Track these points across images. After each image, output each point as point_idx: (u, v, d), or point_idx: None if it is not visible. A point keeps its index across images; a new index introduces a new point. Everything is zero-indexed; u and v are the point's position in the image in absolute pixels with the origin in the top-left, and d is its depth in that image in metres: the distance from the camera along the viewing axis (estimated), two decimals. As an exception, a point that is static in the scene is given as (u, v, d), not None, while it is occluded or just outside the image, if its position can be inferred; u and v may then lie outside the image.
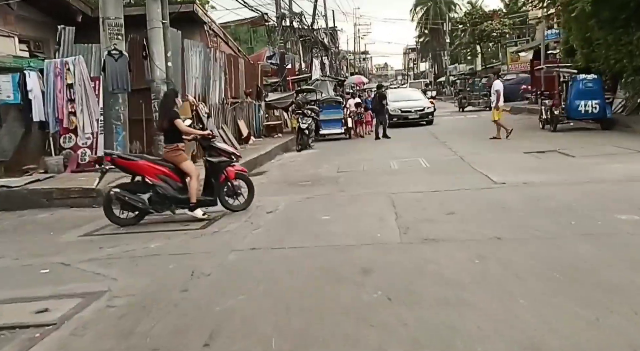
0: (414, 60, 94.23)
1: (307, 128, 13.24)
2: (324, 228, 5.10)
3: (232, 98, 14.16)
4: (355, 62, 64.66)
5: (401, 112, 19.11)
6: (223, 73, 13.33)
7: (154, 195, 5.69)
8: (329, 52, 36.79)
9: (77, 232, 5.67)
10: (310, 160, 11.25)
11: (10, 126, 9.46)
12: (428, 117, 19.26)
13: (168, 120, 5.87)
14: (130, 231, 5.52)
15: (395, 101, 19.55)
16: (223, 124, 12.93)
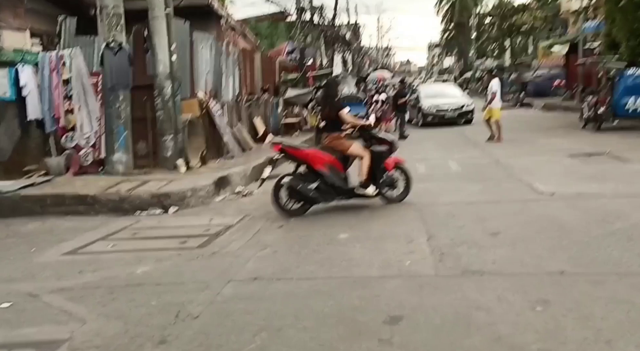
0: (438, 55, 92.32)
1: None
2: (341, 250, 4.25)
3: (247, 95, 13.42)
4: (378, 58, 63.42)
5: (436, 111, 17.09)
6: (237, 68, 12.57)
7: (322, 184, 5.76)
8: (351, 48, 35.81)
9: (61, 248, 4.96)
10: (329, 162, 10.40)
11: (8, 125, 8.88)
12: (467, 116, 17.05)
13: (335, 110, 6.01)
14: (119, 249, 4.79)
15: (429, 97, 17.52)
16: (238, 122, 12.19)
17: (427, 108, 17.13)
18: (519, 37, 29.03)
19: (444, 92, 18.47)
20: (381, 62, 65.17)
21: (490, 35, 31.00)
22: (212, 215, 6.03)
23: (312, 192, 5.66)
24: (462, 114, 17.13)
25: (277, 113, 15.95)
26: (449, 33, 58.62)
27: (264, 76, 15.47)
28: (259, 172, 9.15)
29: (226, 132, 10.64)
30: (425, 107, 17.19)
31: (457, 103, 17.35)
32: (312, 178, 5.79)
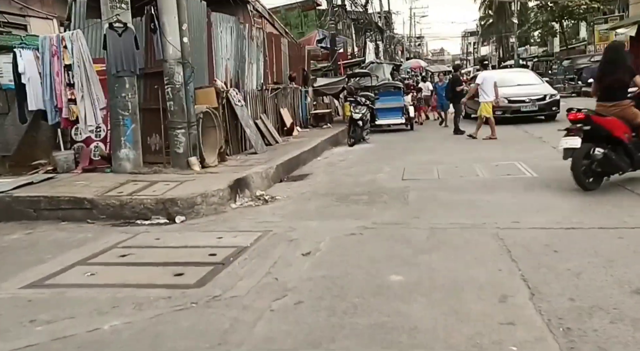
0: (474, 44, 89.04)
1: (360, 118, 11.03)
2: (395, 308, 2.84)
3: (272, 84, 12.18)
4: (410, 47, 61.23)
5: (509, 103, 12.88)
6: (262, 54, 11.33)
7: (618, 154, 5.41)
8: (384, 36, 34.12)
9: (28, 275, 3.85)
10: (365, 160, 9.07)
11: (15, 115, 7.95)
12: (552, 110, 13.01)
13: (630, 74, 5.58)
14: (95, 282, 3.63)
15: (507, 90, 13.05)
16: (261, 114, 10.97)
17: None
18: (570, 21, 26.66)
19: (516, 79, 14.35)
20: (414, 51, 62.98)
21: (539, 20, 28.59)
22: (223, 230, 4.85)
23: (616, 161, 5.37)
24: (545, 107, 12.98)
25: (305, 103, 14.67)
26: (486, 20, 55.82)
27: (292, 64, 14.18)
28: (284, 170, 7.94)
29: (248, 125, 9.45)
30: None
31: (536, 93, 13.13)
32: (610, 148, 5.39)
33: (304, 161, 9.07)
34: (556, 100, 13.11)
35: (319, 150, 10.29)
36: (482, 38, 68.14)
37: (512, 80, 14.01)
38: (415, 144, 10.68)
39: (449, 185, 6.31)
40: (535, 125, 12.39)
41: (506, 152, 8.65)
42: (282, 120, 12.33)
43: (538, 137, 10.25)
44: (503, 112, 12.56)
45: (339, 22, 23.83)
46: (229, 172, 7.09)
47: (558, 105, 12.92)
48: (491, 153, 8.59)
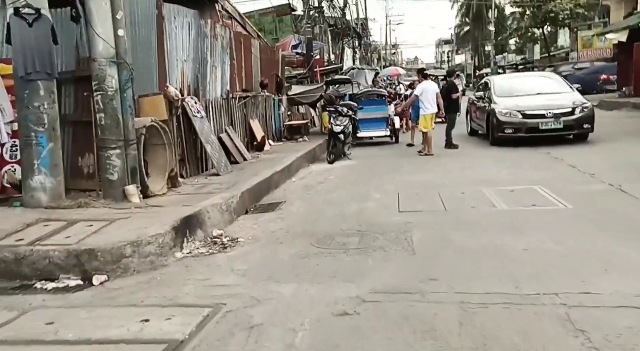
0: (448, 52, 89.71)
1: (342, 131, 9.63)
2: None
3: (241, 91, 10.69)
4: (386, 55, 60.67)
5: (523, 118, 9.80)
6: (228, 57, 9.85)
7: None
8: (361, 42, 33.06)
9: None
10: (349, 181, 7.65)
11: None
12: (582, 127, 9.76)
13: None
14: None
15: (510, 96, 10.48)
16: (227, 127, 9.46)
17: (504, 112, 9.99)
18: (551, 28, 26.12)
19: (534, 86, 11.05)
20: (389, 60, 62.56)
21: (520, 26, 28.02)
22: (154, 303, 3.35)
23: None
24: (573, 124, 9.67)
25: (279, 114, 13.22)
26: (461, 28, 55.72)
27: (264, 69, 12.73)
28: (252, 197, 6.45)
29: (209, 141, 7.92)
30: (501, 109, 10.05)
31: (561, 104, 9.81)
32: None
33: (276, 183, 7.59)
34: (589, 115, 9.68)
35: (293, 168, 8.83)
36: (458, 46, 68.23)
37: (529, 87, 10.90)
38: (404, 160, 9.29)
39: (461, 220, 4.92)
40: (562, 148, 9.33)
41: (514, 171, 7.35)
42: (251, 133, 10.84)
43: (545, 152, 9.02)
44: (515, 130, 9.79)
45: (316, 26, 22.56)
46: (178, 203, 5.55)
47: (592, 120, 9.71)
48: (495, 172, 7.28)
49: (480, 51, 50.51)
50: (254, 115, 11.26)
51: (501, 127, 10.03)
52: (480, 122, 11.44)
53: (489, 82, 11.77)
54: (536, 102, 10.00)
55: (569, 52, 25.66)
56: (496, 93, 10.79)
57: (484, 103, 11.20)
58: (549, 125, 9.67)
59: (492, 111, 10.36)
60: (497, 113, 10.14)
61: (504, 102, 10.27)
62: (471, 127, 12.48)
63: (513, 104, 10.05)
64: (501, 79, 12.82)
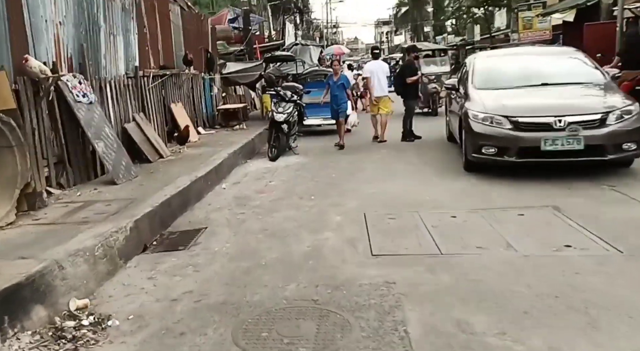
0: (387, 33, 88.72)
1: (286, 121, 7.47)
2: None
3: (157, 68, 8.21)
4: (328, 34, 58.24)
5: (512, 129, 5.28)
6: (134, 22, 7.32)
7: None
8: (303, 18, 30.56)
9: None
10: (297, 191, 5.56)
11: None
12: (622, 148, 5.12)
13: None
14: None
15: (495, 89, 5.98)
16: (137, 114, 7.04)
17: (481, 117, 5.56)
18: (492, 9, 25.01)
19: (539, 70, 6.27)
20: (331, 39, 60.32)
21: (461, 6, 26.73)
22: None
23: None
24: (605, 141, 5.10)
25: (211, 96, 10.80)
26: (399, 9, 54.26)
27: (189, 42, 10.22)
28: (157, 223, 4.26)
29: (101, 136, 5.53)
30: (477, 112, 5.64)
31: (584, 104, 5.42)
32: None
33: (198, 194, 5.38)
34: (635, 127, 5.19)
35: (225, 168, 6.62)
36: (397, 27, 66.90)
37: (530, 73, 6.18)
38: (364, 157, 7.24)
39: (472, 280, 2.96)
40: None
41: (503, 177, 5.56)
42: (174, 120, 8.44)
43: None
44: (499, 150, 5.33)
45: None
46: (18, 248, 3.25)
47: (637, 136, 5.18)
48: (485, 177, 5.45)
49: (420, 32, 49.38)
50: (176, 98, 8.83)
51: (477, 144, 5.44)
52: (454, 125, 6.92)
53: (468, 63, 7.02)
54: (538, 101, 5.55)
55: (508, 33, 24.82)
56: (475, 83, 6.22)
57: (459, 98, 6.63)
58: (559, 144, 5.06)
59: (464, 114, 5.78)
60: (471, 119, 5.55)
61: (484, 100, 5.68)
62: (449, 130, 7.89)
63: (498, 104, 5.50)
64: (486, 58, 7.21)
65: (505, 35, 26.11)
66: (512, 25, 22.99)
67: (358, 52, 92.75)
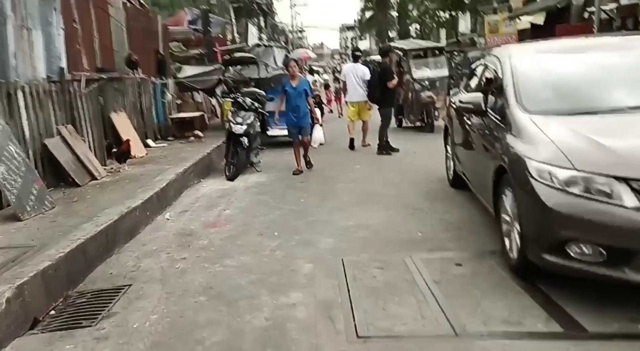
0: (352, 38, 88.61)
1: (246, 133, 6.31)
2: None
3: (92, 71, 6.92)
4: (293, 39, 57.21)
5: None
6: (60, 16, 6.01)
7: None
8: (267, 20, 29.34)
9: None
10: (257, 225, 4.41)
11: None
12: None
13: None
14: None
15: (622, 135, 2.72)
16: (63, 126, 5.73)
17: (565, 178, 2.49)
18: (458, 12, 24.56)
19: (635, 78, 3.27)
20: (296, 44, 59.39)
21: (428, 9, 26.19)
22: None
23: None
24: None
25: (163, 103, 9.50)
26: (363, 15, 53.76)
27: (136, 42, 8.92)
28: (61, 283, 3.03)
29: (1, 158, 4.22)
30: (554, 172, 2.54)
31: None
32: None
33: (130, 231, 4.17)
34: None
35: (171, 193, 5.40)
36: (361, 32, 66.56)
37: (630, 80, 3.33)
38: (335, 176, 6.15)
39: None
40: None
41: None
42: (115, 132, 7.13)
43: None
44: (609, 252, 2.39)
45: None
46: None
47: None
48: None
49: (384, 37, 48.99)
50: (119, 107, 7.52)
51: (555, 236, 2.53)
52: (471, 166, 4.20)
53: (499, 61, 3.76)
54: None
55: (474, 37, 24.46)
56: (523, 101, 3.25)
57: (484, 122, 3.68)
58: None
59: (516, 166, 2.86)
60: (539, 181, 2.63)
61: (558, 138, 2.77)
62: (454, 170, 4.97)
63: (592, 150, 2.62)
64: (534, 56, 3.80)
65: (471, 39, 25.81)
66: (479, 29, 22.59)
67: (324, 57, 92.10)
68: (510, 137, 3.07)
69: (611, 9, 11.27)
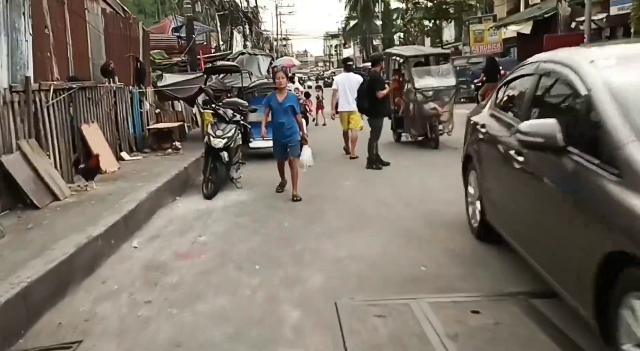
0: (336, 46, 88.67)
1: (226, 147, 5.74)
2: None
3: (64, 80, 6.31)
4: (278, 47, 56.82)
5: None
6: (26, 21, 5.41)
7: None
8: (252, 28, 28.83)
9: None
10: (235, 255, 3.85)
11: None
12: None
13: None
14: None
15: None
16: (24, 140, 5.12)
17: None
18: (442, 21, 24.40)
19: None
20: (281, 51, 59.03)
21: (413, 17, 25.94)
22: None
23: None
24: None
25: (140, 113, 8.88)
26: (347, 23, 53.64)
27: (114, 48, 8.32)
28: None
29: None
30: None
31: None
32: None
33: (89, 265, 3.58)
34: None
35: (141, 215, 4.81)
36: (346, 40, 66.45)
37: None
38: (322, 194, 5.57)
39: None
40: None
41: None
42: (86, 145, 6.50)
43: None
44: None
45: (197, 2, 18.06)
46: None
47: None
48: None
49: (369, 45, 48.91)
50: (91, 117, 6.89)
51: None
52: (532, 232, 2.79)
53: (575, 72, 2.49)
54: None
55: (458, 46, 24.32)
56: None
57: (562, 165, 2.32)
58: None
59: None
60: None
61: None
62: (482, 219, 3.59)
63: None
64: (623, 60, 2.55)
65: (456, 48, 25.68)
66: (464, 38, 22.45)
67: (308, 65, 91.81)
68: (633, 197, 1.81)
69: (600, 19, 11.05)
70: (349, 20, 52.00)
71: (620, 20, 10.43)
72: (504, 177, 3.11)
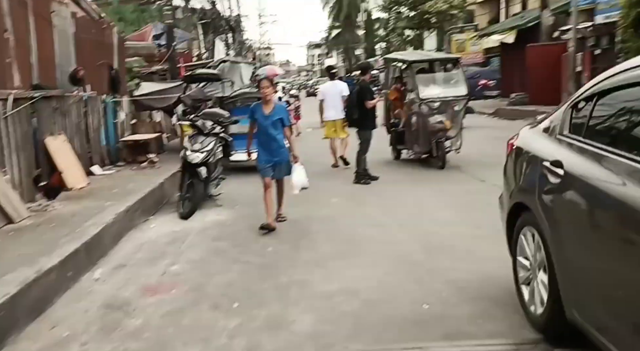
0: (318, 55, 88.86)
1: (203, 163, 5.23)
2: None
3: (28, 88, 5.71)
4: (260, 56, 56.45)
5: None
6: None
7: None
8: (235, 36, 28.30)
9: None
10: (209, 290, 3.34)
11: None
12: None
13: None
14: None
15: None
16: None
17: None
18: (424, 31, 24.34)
19: None
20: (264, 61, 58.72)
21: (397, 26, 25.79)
22: None
23: None
24: None
25: (114, 124, 8.29)
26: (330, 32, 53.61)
27: (85, 55, 7.73)
28: None
29: None
30: None
31: None
32: None
33: (37, 304, 3.03)
34: None
35: (106, 240, 4.25)
36: (329, 49, 66.43)
37: None
38: (307, 213, 5.02)
39: None
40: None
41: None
42: (50, 160, 5.90)
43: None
44: None
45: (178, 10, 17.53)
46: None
47: None
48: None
49: (351, 54, 48.84)
50: (58, 129, 6.29)
51: None
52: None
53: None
54: None
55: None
56: None
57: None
58: None
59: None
60: None
61: None
62: (554, 302, 2.27)
63: None
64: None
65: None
66: (445, 47, 22.40)
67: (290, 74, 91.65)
68: None
69: (584, 28, 10.94)
70: (331, 29, 51.88)
71: (606, 30, 10.34)
72: (618, 252, 1.85)
